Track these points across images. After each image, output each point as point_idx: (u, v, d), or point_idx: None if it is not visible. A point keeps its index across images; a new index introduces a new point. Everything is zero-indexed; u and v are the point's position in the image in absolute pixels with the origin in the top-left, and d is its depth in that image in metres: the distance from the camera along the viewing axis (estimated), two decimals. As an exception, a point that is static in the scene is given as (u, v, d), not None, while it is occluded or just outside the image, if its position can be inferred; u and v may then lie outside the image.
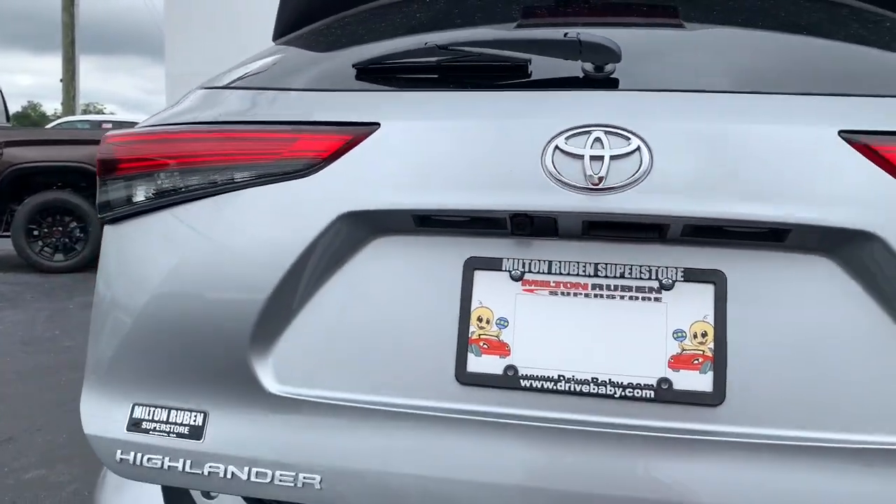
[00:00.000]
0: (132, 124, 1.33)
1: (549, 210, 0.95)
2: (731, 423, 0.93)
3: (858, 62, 1.12)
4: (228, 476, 1.02)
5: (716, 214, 0.92)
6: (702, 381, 0.94)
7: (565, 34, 1.00)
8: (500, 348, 1.00)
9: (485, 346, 1.00)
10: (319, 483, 0.98)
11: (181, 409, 1.06)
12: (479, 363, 0.99)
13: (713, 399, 0.93)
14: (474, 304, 1.01)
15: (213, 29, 5.79)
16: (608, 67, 1.04)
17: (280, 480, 1.00)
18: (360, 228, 1.04)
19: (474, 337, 1.00)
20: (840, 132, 0.92)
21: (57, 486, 2.58)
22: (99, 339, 1.13)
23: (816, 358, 0.93)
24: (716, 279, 0.97)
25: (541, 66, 1.07)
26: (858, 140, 0.92)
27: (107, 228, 1.17)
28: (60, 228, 7.24)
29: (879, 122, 0.93)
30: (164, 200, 1.10)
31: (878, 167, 0.91)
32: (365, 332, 1.03)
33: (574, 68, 1.05)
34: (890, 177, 0.90)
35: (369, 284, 1.04)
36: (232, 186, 1.06)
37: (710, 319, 0.96)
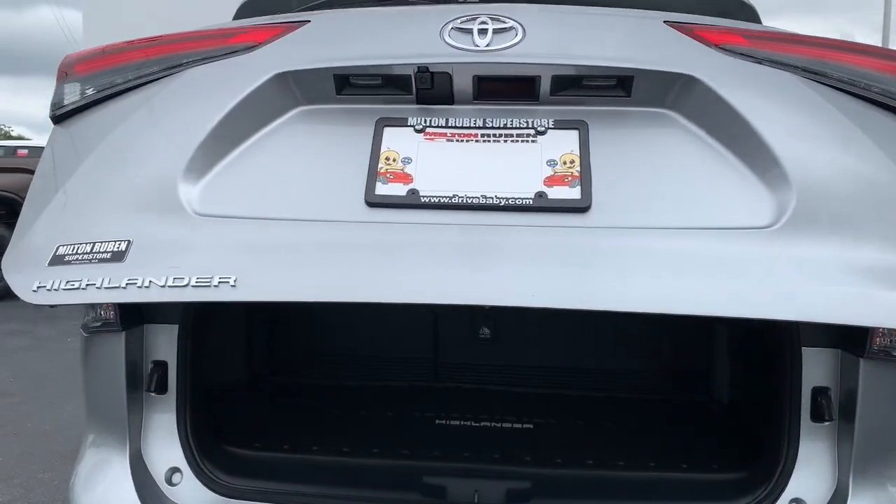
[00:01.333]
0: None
1: (446, 62, 1.19)
2: (597, 223, 1.10)
3: None
4: (146, 285, 1.07)
5: (576, 63, 1.18)
6: (572, 193, 1.12)
7: None
8: (405, 178, 1.16)
9: (391, 176, 1.16)
10: (234, 281, 1.06)
11: (106, 241, 1.13)
12: (385, 188, 1.15)
13: (582, 204, 1.11)
14: (383, 148, 1.19)
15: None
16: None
17: (196, 283, 1.07)
18: (288, 91, 1.23)
19: (382, 170, 1.17)
20: (664, 21, 1.23)
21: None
22: (34, 200, 1.22)
23: (657, 175, 1.15)
24: (580, 126, 1.20)
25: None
26: (678, 25, 1.23)
27: (55, 129, 1.32)
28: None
29: (690, 20, 1.27)
30: (120, 87, 1.27)
31: (691, 38, 1.21)
32: (287, 170, 1.19)
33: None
34: (700, 43, 1.20)
35: (293, 137, 1.22)
36: (181, 68, 1.26)
37: (577, 152, 1.17)
